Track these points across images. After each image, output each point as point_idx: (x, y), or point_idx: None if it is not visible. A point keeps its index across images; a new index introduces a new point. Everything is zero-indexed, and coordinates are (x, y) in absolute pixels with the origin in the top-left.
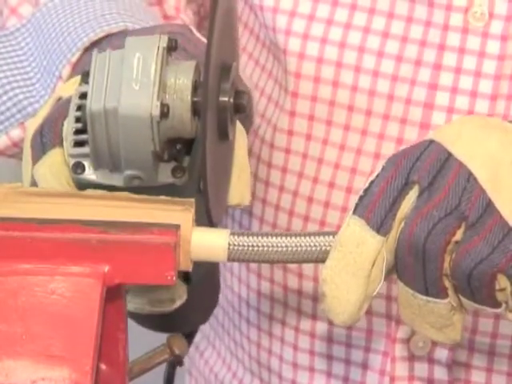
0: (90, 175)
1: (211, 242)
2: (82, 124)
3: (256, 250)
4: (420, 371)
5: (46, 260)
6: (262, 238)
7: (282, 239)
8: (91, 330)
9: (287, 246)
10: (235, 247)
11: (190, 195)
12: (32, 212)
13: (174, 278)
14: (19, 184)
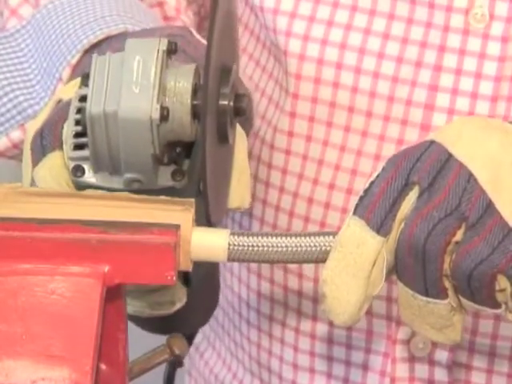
0: (90, 178)
1: (211, 242)
2: (82, 127)
3: (256, 250)
4: (420, 372)
5: (46, 260)
6: (262, 238)
7: (282, 239)
8: (91, 330)
9: (287, 246)
10: (235, 247)
11: (190, 198)
12: (32, 212)
13: (174, 278)
14: (19, 184)
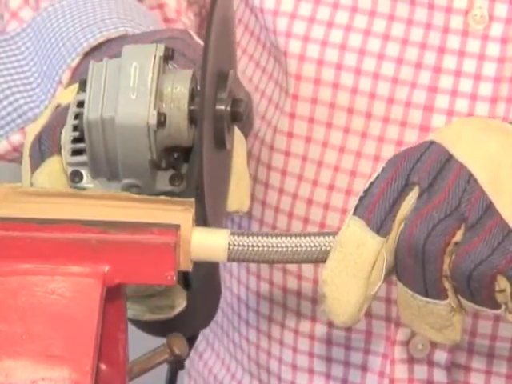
0: (88, 184)
1: (211, 242)
2: (80, 132)
3: (256, 250)
4: (419, 373)
5: (46, 260)
6: (262, 238)
7: (282, 239)
8: (91, 330)
9: (287, 246)
10: (235, 247)
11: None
12: (32, 212)
13: (174, 278)
14: (19, 184)
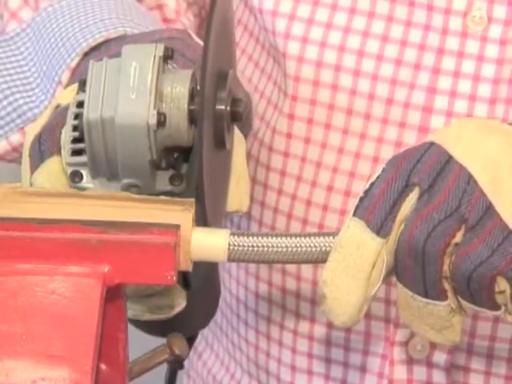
0: (88, 184)
1: (211, 242)
2: (80, 132)
3: (256, 251)
4: (418, 374)
5: (46, 260)
6: (262, 239)
7: (282, 240)
8: (91, 330)
9: (287, 247)
10: (235, 247)
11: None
12: (32, 212)
13: (174, 278)
14: (19, 184)
